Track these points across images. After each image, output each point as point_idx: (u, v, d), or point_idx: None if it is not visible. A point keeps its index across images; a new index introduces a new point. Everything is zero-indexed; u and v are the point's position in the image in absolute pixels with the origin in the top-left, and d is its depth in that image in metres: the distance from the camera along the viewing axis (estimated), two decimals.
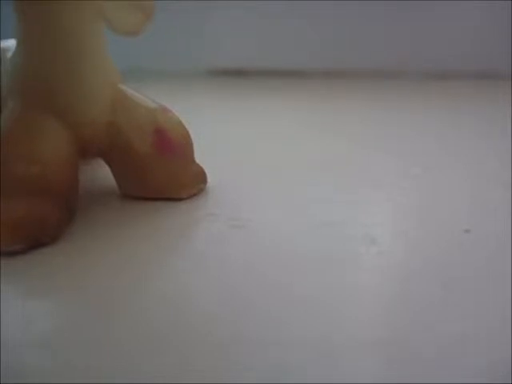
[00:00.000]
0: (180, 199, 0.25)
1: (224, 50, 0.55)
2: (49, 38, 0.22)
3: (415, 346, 0.15)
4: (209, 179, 0.27)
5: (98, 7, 0.18)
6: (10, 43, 0.25)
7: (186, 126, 0.26)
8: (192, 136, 0.26)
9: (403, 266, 0.20)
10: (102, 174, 0.27)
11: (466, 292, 0.18)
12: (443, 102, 0.44)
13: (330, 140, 0.35)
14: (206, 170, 0.27)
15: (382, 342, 0.16)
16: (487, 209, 0.24)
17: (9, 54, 0.24)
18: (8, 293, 0.18)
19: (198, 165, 0.26)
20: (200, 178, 0.26)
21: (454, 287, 0.18)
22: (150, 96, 0.25)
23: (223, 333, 0.16)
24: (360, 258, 0.20)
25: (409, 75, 0.53)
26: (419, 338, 0.16)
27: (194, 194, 0.26)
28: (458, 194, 0.26)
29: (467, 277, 0.19)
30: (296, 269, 0.20)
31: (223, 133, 0.37)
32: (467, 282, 0.19)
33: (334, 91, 0.49)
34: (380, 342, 0.16)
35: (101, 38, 0.23)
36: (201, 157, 0.27)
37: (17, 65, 0.23)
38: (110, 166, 0.25)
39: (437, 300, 0.18)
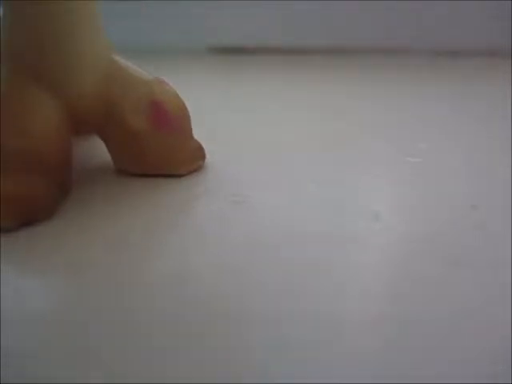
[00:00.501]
0: (179, 175, 0.24)
1: (224, 27, 0.55)
2: (39, 9, 0.21)
3: (416, 324, 0.15)
4: (208, 156, 0.26)
5: None
6: None
7: (186, 104, 0.25)
8: (191, 113, 0.25)
9: (407, 243, 0.19)
10: (98, 150, 0.26)
11: (469, 269, 0.18)
12: (445, 80, 0.44)
13: (331, 118, 0.34)
14: (205, 147, 0.26)
15: (384, 319, 0.15)
16: (492, 186, 0.24)
17: None
18: (3, 270, 0.18)
19: (196, 141, 0.26)
20: (199, 154, 0.26)
21: (458, 265, 0.18)
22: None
23: (225, 309, 0.16)
24: (363, 235, 0.20)
25: (411, 54, 0.52)
26: (421, 315, 0.15)
27: (193, 171, 0.25)
28: (461, 171, 0.25)
29: (472, 254, 0.18)
30: (297, 245, 0.19)
31: (223, 110, 0.36)
32: (472, 260, 0.18)
33: (335, 69, 0.48)
34: (381, 319, 0.15)
35: (93, 9, 0.22)
36: (200, 134, 0.26)
37: (5, 35, 0.22)
38: (105, 141, 0.25)
39: (440, 278, 0.17)
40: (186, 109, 0.25)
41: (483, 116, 0.34)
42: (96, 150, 0.27)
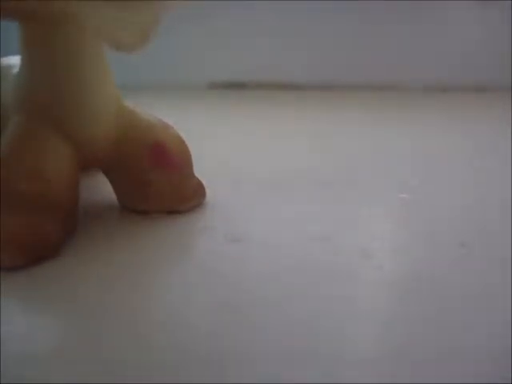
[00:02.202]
0: (179, 212, 0.25)
1: (225, 63, 0.56)
2: (52, 57, 0.22)
3: (414, 362, 0.15)
4: (208, 193, 0.27)
5: (97, 26, 0.18)
6: (13, 60, 0.26)
7: (186, 140, 0.26)
8: (192, 149, 0.26)
9: (401, 281, 0.20)
10: (101, 185, 0.27)
11: (463, 306, 0.18)
12: (442, 116, 0.45)
13: (329, 154, 0.35)
14: (206, 184, 0.27)
15: (381, 358, 0.16)
16: (484, 224, 0.24)
17: (12, 71, 0.24)
18: (8, 307, 0.19)
19: (196, 178, 0.27)
20: (199, 191, 0.26)
21: (453, 302, 0.18)
22: (150, 110, 0.26)
23: (223, 348, 0.16)
24: (358, 273, 0.20)
25: (408, 89, 0.53)
26: (418, 353, 0.16)
27: (194, 207, 0.26)
28: (455, 208, 0.26)
29: (466, 291, 0.19)
30: (294, 283, 0.20)
31: (223, 146, 0.37)
32: (466, 297, 0.19)
33: (334, 104, 0.49)
34: (379, 358, 0.16)
35: (104, 55, 0.23)
36: (201, 170, 0.27)
37: (21, 82, 0.23)
38: (109, 178, 0.26)
39: (435, 314, 0.18)
40: (187, 150, 0.26)
41: (477, 151, 0.35)
42: (100, 187, 0.27)
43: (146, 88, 0.48)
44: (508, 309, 0.18)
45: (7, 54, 0.27)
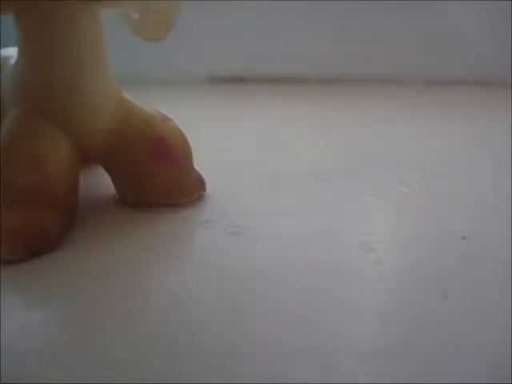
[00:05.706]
0: (179, 206, 0.25)
1: (223, 57, 0.56)
2: (51, 49, 0.22)
3: (414, 357, 0.15)
4: (208, 186, 0.27)
5: (123, 17, 0.18)
6: (11, 51, 0.26)
7: (186, 134, 0.26)
8: (191, 143, 0.26)
9: (402, 275, 0.20)
10: (100, 179, 0.27)
11: (465, 301, 0.18)
12: (443, 110, 0.45)
13: (329, 147, 0.35)
14: (206, 177, 0.27)
15: (381, 352, 0.16)
16: (484, 217, 0.24)
17: (10, 62, 0.24)
18: (7, 301, 0.18)
19: (197, 172, 0.26)
20: (199, 185, 0.26)
21: (453, 295, 0.18)
22: (149, 104, 0.26)
23: (222, 343, 0.16)
24: (358, 267, 0.20)
25: (408, 82, 0.53)
26: (418, 347, 0.16)
27: (194, 201, 0.26)
28: (456, 202, 0.26)
29: (466, 285, 0.19)
30: (294, 277, 0.20)
31: (223, 140, 0.37)
32: (466, 290, 0.19)
33: (334, 98, 0.49)
34: (379, 352, 0.16)
35: (103, 48, 0.23)
36: (200, 164, 0.27)
37: (19, 74, 0.23)
38: (108, 172, 0.25)
39: (436, 309, 0.18)
40: (188, 144, 0.26)
41: (477, 145, 0.35)
42: (99, 180, 0.27)
43: (144, 82, 0.48)
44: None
45: (7, 45, 0.27)
